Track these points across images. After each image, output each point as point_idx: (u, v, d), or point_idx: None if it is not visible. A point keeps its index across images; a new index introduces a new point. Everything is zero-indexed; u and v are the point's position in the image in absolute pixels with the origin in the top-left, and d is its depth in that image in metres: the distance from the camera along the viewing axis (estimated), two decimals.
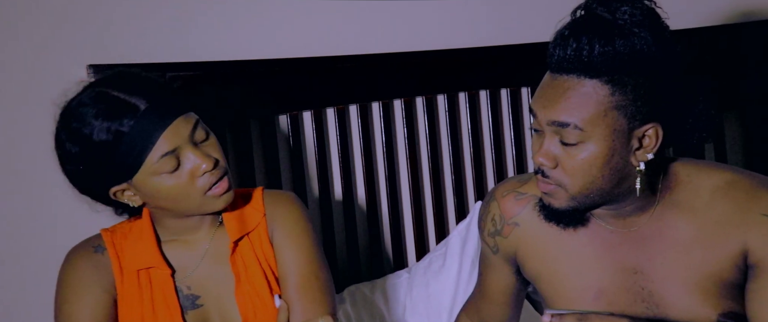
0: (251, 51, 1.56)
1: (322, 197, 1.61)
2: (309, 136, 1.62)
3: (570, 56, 0.98)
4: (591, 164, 1.00)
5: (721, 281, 1.06)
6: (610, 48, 0.96)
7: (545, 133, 1.02)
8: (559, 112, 0.99)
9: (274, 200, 1.22)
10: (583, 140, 0.99)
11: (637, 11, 0.98)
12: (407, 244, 1.73)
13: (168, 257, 1.18)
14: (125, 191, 1.11)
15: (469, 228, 1.63)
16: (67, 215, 1.38)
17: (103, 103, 1.06)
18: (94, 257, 1.16)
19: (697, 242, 1.06)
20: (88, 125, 1.05)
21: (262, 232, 1.20)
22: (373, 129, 1.67)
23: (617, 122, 0.99)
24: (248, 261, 1.18)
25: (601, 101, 0.98)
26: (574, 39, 0.97)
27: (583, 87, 0.98)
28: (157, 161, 1.07)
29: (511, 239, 1.18)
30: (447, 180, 1.75)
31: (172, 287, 1.16)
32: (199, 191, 1.10)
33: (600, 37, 0.96)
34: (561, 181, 1.03)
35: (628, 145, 1.01)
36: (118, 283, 1.16)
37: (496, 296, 1.24)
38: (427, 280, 1.61)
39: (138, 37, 1.46)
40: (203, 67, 1.48)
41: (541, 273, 1.16)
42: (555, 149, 1.02)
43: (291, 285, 1.18)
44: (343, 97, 1.63)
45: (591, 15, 0.99)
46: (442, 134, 1.74)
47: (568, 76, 0.99)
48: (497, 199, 1.20)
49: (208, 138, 1.12)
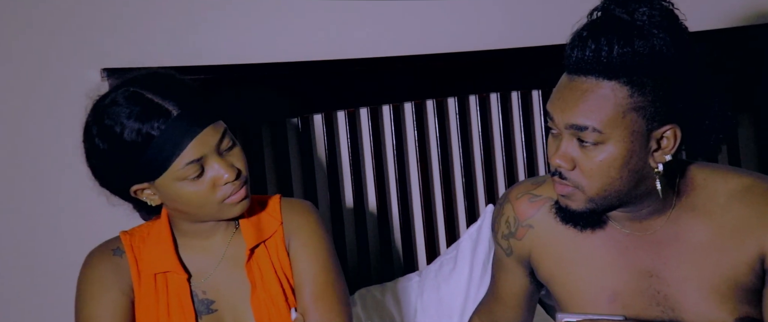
0: (262, 54, 1.56)
1: (333, 199, 1.61)
2: (319, 139, 1.62)
3: (588, 57, 0.97)
4: (609, 166, 0.99)
5: (737, 285, 1.05)
6: (629, 49, 0.95)
7: (563, 135, 1.02)
8: (577, 114, 0.98)
9: (291, 208, 1.23)
10: (601, 142, 0.98)
11: (655, 12, 0.97)
12: (418, 247, 1.73)
13: (185, 262, 1.18)
14: (145, 190, 1.12)
15: (480, 231, 1.63)
16: (87, 217, 1.40)
17: (137, 104, 1.07)
18: (113, 259, 1.17)
19: (713, 246, 1.05)
20: (120, 124, 1.06)
21: (279, 240, 1.20)
22: (383, 131, 1.67)
23: (636, 124, 0.98)
24: (264, 268, 1.19)
25: (620, 103, 0.97)
26: (592, 40, 0.97)
27: (602, 89, 0.97)
28: (182, 167, 1.08)
29: (525, 241, 1.17)
30: (458, 183, 1.75)
31: (187, 292, 1.16)
32: (218, 200, 1.11)
33: (619, 37, 0.96)
34: (579, 182, 1.02)
35: (646, 147, 1.00)
36: (135, 286, 1.17)
37: (509, 299, 1.24)
38: (438, 283, 1.60)
39: (150, 40, 1.47)
40: (214, 70, 1.49)
41: (555, 276, 1.15)
42: (573, 151, 1.01)
43: (307, 294, 1.18)
44: (354, 101, 1.63)
45: (609, 16, 0.98)
46: (452, 137, 1.73)
47: (586, 77, 0.98)
48: (511, 201, 1.19)
49: (233, 147, 1.13)
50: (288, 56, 1.58)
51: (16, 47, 1.38)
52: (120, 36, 1.45)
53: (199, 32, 1.52)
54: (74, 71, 1.39)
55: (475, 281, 1.59)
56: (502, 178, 1.78)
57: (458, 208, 1.75)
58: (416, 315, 1.60)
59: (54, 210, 1.42)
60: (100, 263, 1.17)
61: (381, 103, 1.65)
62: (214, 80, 1.46)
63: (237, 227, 1.20)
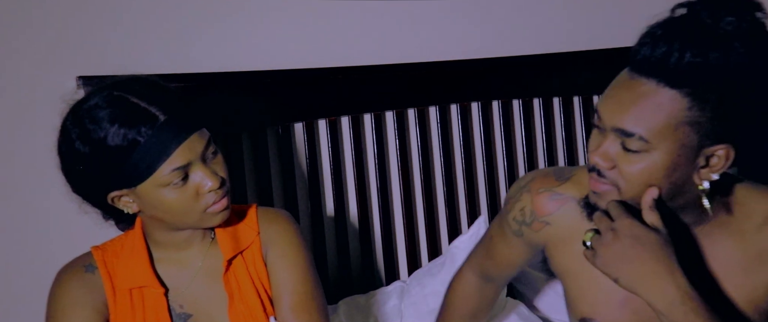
0: (243, 63, 1.55)
1: (314, 208, 1.60)
2: (300, 148, 1.61)
3: (655, 58, 0.89)
4: (650, 174, 0.94)
5: (754, 307, 1.02)
6: (702, 59, 0.87)
7: (608, 133, 0.95)
8: (626, 119, 0.92)
9: (269, 218, 1.21)
10: (646, 150, 0.92)
11: (744, 23, 0.88)
12: (399, 256, 1.72)
13: (161, 275, 1.16)
14: (123, 197, 1.09)
15: (472, 241, 1.60)
16: (60, 229, 1.36)
17: (121, 108, 1.04)
18: (85, 276, 1.14)
19: (739, 266, 1.02)
20: (103, 129, 1.03)
21: (256, 251, 1.19)
22: (365, 140, 1.66)
23: (687, 138, 0.91)
24: (241, 280, 1.17)
25: (675, 115, 0.90)
26: (664, 41, 0.89)
27: (660, 96, 0.90)
28: (167, 173, 1.05)
29: (541, 234, 1.14)
30: (439, 191, 1.75)
31: (164, 307, 1.14)
32: (201, 208, 1.09)
33: (694, 44, 0.87)
34: (617, 182, 0.97)
35: (693, 162, 0.94)
36: (110, 303, 1.14)
37: (504, 263, 1.23)
38: (424, 282, 1.59)
39: (128, 48, 1.46)
40: (193, 78, 1.47)
41: (570, 270, 1.12)
42: (614, 151, 0.95)
43: (286, 305, 1.17)
44: (335, 109, 1.62)
45: (692, 18, 0.89)
46: (434, 146, 1.73)
47: (647, 79, 0.91)
48: (532, 192, 1.14)
49: (216, 155, 1.11)
50: (268, 65, 1.57)
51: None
52: (96, 44, 1.43)
53: (178, 41, 1.50)
54: (49, 79, 1.37)
55: None
56: (483, 186, 1.78)
57: (440, 216, 1.75)
58: (403, 317, 1.58)
59: (29, 221, 1.38)
60: (71, 280, 1.14)
61: (362, 111, 1.65)
62: (193, 88, 1.45)
63: (213, 237, 1.18)
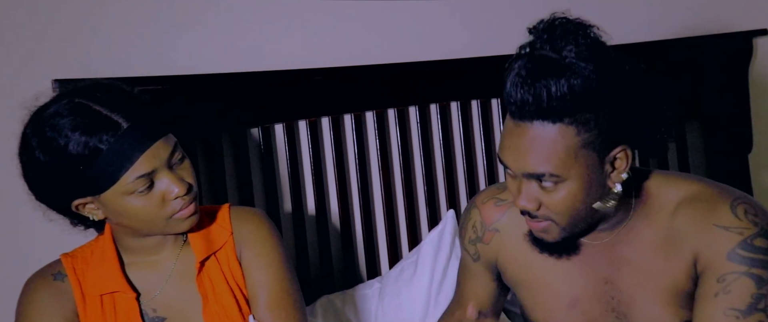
0: (223, 64, 1.55)
1: (295, 208, 1.60)
2: (281, 149, 1.61)
3: (530, 102, 0.96)
4: (573, 200, 1.01)
5: (679, 291, 1.08)
6: (566, 89, 0.95)
7: (520, 178, 1.03)
8: (530, 163, 0.99)
9: (241, 217, 1.20)
10: (560, 181, 1.00)
11: (581, 48, 0.96)
12: (380, 254, 1.73)
13: (132, 280, 1.15)
14: (88, 205, 1.08)
15: (441, 236, 1.64)
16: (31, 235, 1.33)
17: (83, 116, 1.03)
18: (54, 284, 1.12)
19: (659, 252, 1.08)
20: (64, 137, 1.02)
21: (230, 250, 1.18)
22: (345, 141, 1.67)
23: (589, 158, 0.99)
24: (216, 280, 1.16)
25: (569, 144, 0.98)
26: (529, 85, 0.96)
27: (549, 133, 0.97)
28: (131, 181, 1.04)
29: (492, 245, 1.19)
30: (419, 190, 1.76)
31: (136, 312, 1.13)
32: (167, 215, 1.08)
33: (553, 79, 0.95)
34: (549, 216, 1.04)
35: (602, 173, 1.02)
36: (80, 310, 1.12)
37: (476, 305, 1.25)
38: (398, 288, 1.61)
39: (107, 51, 1.44)
40: (173, 80, 1.46)
41: (522, 280, 1.17)
42: (534, 192, 1.02)
43: (262, 304, 1.16)
44: (315, 110, 1.62)
45: (539, 56, 0.97)
46: (414, 145, 1.75)
47: (531, 122, 0.98)
48: (478, 206, 1.21)
49: (183, 160, 1.10)
50: (248, 66, 1.57)
51: None
52: (71, 46, 1.41)
53: (157, 43, 1.49)
54: (23, 82, 1.35)
55: (435, 285, 1.60)
56: (463, 184, 1.80)
57: (420, 215, 1.76)
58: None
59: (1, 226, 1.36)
60: (40, 289, 1.12)
61: (342, 112, 1.65)
62: (171, 90, 1.44)
63: (185, 240, 1.17)
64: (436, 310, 1.56)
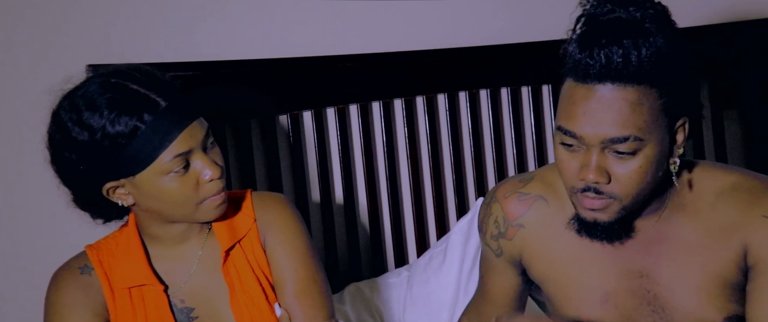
0: (251, 51, 1.55)
1: (323, 195, 1.60)
2: (309, 136, 1.61)
3: (616, 64, 0.93)
4: (646, 171, 0.98)
5: (724, 283, 1.06)
6: (654, 50, 0.93)
7: (591, 149, 0.97)
8: (614, 127, 0.94)
9: (264, 203, 1.19)
10: (639, 148, 0.96)
11: (658, 13, 0.96)
12: (408, 242, 1.73)
13: (159, 272, 1.14)
14: (119, 189, 1.07)
15: (471, 224, 1.63)
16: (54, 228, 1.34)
17: (122, 94, 1.02)
18: (81, 278, 1.11)
19: (701, 244, 1.06)
20: (103, 115, 1.01)
21: (254, 238, 1.17)
22: (373, 128, 1.66)
23: (665, 123, 0.97)
24: (241, 269, 1.15)
25: (653, 106, 0.95)
26: (616, 45, 0.92)
27: (632, 95, 0.94)
28: (169, 160, 1.04)
29: (516, 241, 1.16)
30: (448, 178, 1.75)
31: (166, 304, 1.12)
32: (198, 199, 1.08)
33: (642, 40, 0.93)
34: (614, 193, 0.99)
35: (670, 144, 1.00)
36: (110, 304, 1.11)
37: (499, 299, 1.22)
38: (427, 277, 1.60)
39: (137, 37, 1.46)
40: (203, 67, 1.47)
41: (549, 276, 1.15)
42: (608, 163, 0.98)
43: (289, 291, 1.15)
44: (344, 97, 1.62)
45: (617, 19, 0.94)
46: (442, 133, 1.73)
47: (612, 84, 0.94)
48: (499, 200, 1.17)
49: (215, 146, 1.10)
50: (277, 53, 1.57)
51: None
52: (105, 32, 1.42)
53: (187, 29, 1.50)
54: (58, 68, 1.36)
55: (465, 273, 1.59)
56: (492, 172, 1.78)
57: (448, 203, 1.75)
58: (405, 311, 1.60)
59: (34, 214, 1.37)
60: (67, 284, 1.10)
61: (371, 99, 1.65)
62: (202, 77, 1.45)
63: (210, 229, 1.16)
64: (465, 298, 1.55)
